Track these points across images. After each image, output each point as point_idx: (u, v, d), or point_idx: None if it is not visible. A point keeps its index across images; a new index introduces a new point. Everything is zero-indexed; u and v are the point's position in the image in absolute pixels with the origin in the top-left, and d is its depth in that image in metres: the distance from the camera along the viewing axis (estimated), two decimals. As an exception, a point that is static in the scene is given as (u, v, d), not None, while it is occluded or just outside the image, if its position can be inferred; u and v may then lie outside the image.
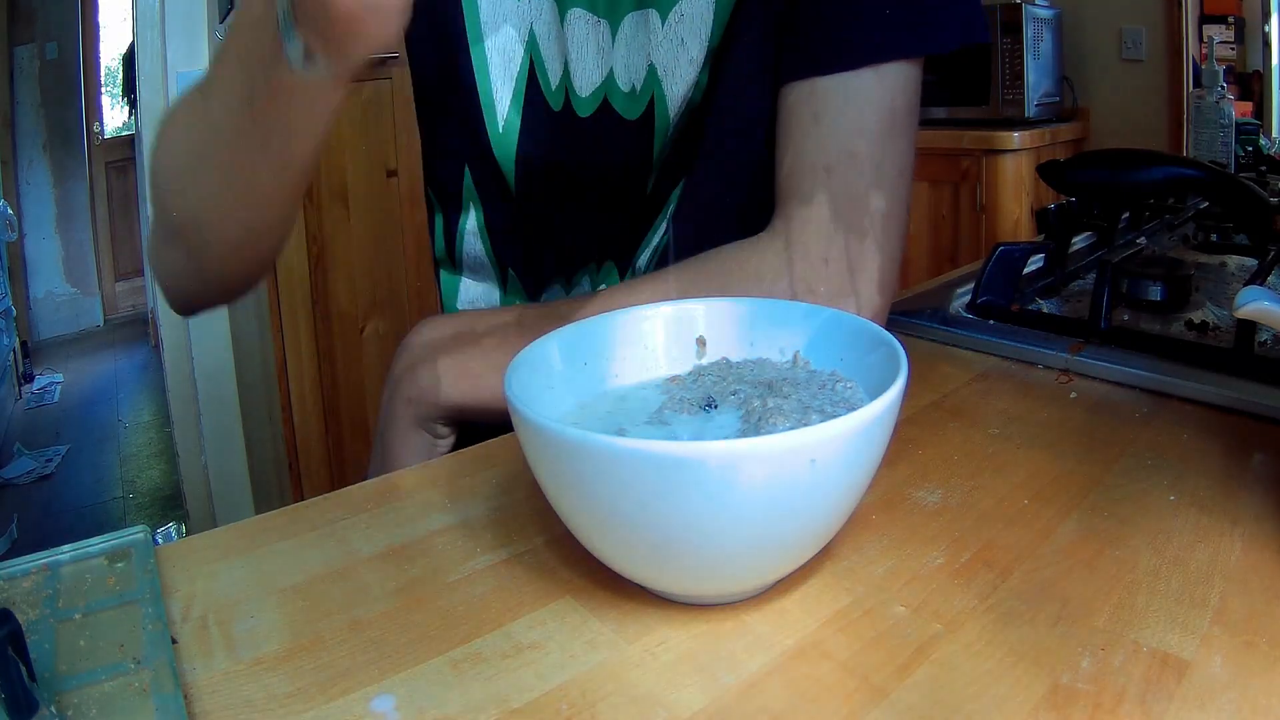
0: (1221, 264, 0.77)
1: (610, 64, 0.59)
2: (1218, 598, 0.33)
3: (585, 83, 0.61)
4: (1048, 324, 0.63)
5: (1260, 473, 0.43)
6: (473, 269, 0.72)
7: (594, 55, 0.59)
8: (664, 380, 0.42)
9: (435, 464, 0.49)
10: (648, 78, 0.58)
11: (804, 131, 0.54)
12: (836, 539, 0.38)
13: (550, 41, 0.61)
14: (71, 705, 0.29)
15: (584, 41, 0.59)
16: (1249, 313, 0.38)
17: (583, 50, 0.59)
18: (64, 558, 0.38)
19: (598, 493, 0.31)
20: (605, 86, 0.59)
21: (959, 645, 0.31)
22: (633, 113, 0.59)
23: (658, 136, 0.60)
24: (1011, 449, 0.46)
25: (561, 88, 0.62)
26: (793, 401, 0.37)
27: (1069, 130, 2.55)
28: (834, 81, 0.53)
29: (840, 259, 0.54)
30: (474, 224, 0.70)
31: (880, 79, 0.53)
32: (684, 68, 0.58)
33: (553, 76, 0.62)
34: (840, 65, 0.53)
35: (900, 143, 0.55)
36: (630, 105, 0.59)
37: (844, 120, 0.53)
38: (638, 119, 0.59)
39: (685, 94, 0.58)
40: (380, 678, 0.31)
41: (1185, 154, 2.11)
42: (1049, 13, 2.50)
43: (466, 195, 0.70)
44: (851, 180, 0.54)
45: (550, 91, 0.62)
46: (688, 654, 0.32)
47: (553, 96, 0.62)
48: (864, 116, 0.53)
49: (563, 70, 0.61)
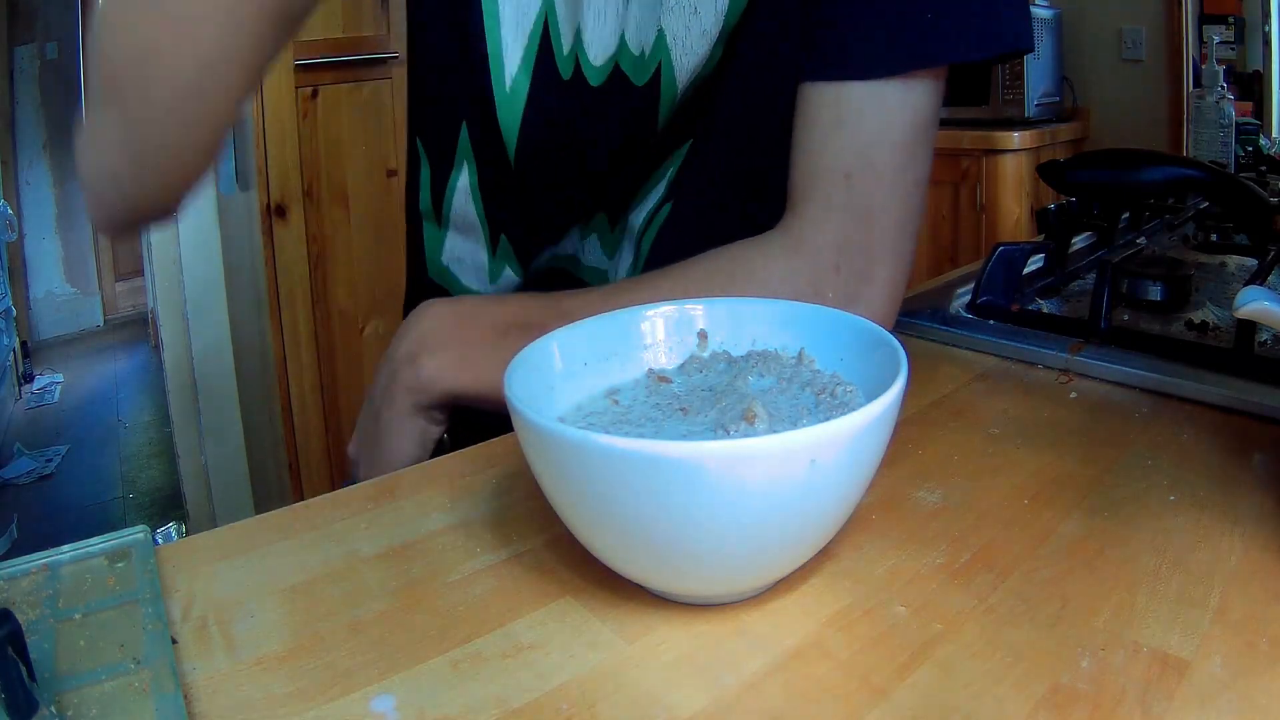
0: (1221, 264, 0.77)
1: (623, 27, 0.56)
2: (1218, 598, 0.33)
3: (600, 51, 0.58)
4: (1048, 324, 0.63)
5: (1260, 473, 0.43)
6: (460, 228, 0.69)
7: (611, 23, 0.57)
8: (654, 380, 0.42)
9: (435, 464, 0.49)
10: (656, 43, 0.55)
11: (825, 134, 0.53)
12: (836, 539, 0.38)
13: (565, 5, 0.58)
14: (71, 705, 0.29)
15: (602, 9, 0.57)
16: (1249, 313, 0.38)
17: (600, 19, 0.57)
18: (64, 558, 0.38)
19: (598, 493, 0.31)
20: (617, 54, 0.57)
21: (959, 645, 0.31)
22: (640, 78, 0.57)
23: (663, 105, 0.58)
24: (1011, 449, 0.46)
25: (572, 55, 0.59)
26: (782, 403, 0.37)
27: (1069, 130, 2.55)
28: (862, 89, 0.52)
29: (852, 267, 0.53)
30: (466, 182, 0.67)
31: (908, 89, 0.52)
32: (695, 39, 0.56)
33: (565, 42, 0.59)
34: (871, 73, 0.51)
35: (921, 153, 0.54)
36: (638, 70, 0.57)
37: (868, 128, 0.52)
38: (644, 84, 0.57)
39: (696, 66, 0.56)
40: (380, 678, 0.31)
41: (1185, 154, 2.11)
42: (1049, 13, 2.50)
43: (460, 152, 0.66)
44: (870, 189, 0.53)
45: (561, 57, 0.59)
46: (688, 654, 0.32)
47: (563, 63, 0.60)
48: (889, 126, 0.52)
49: (574, 37, 0.59)
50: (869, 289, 0.53)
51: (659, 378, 0.42)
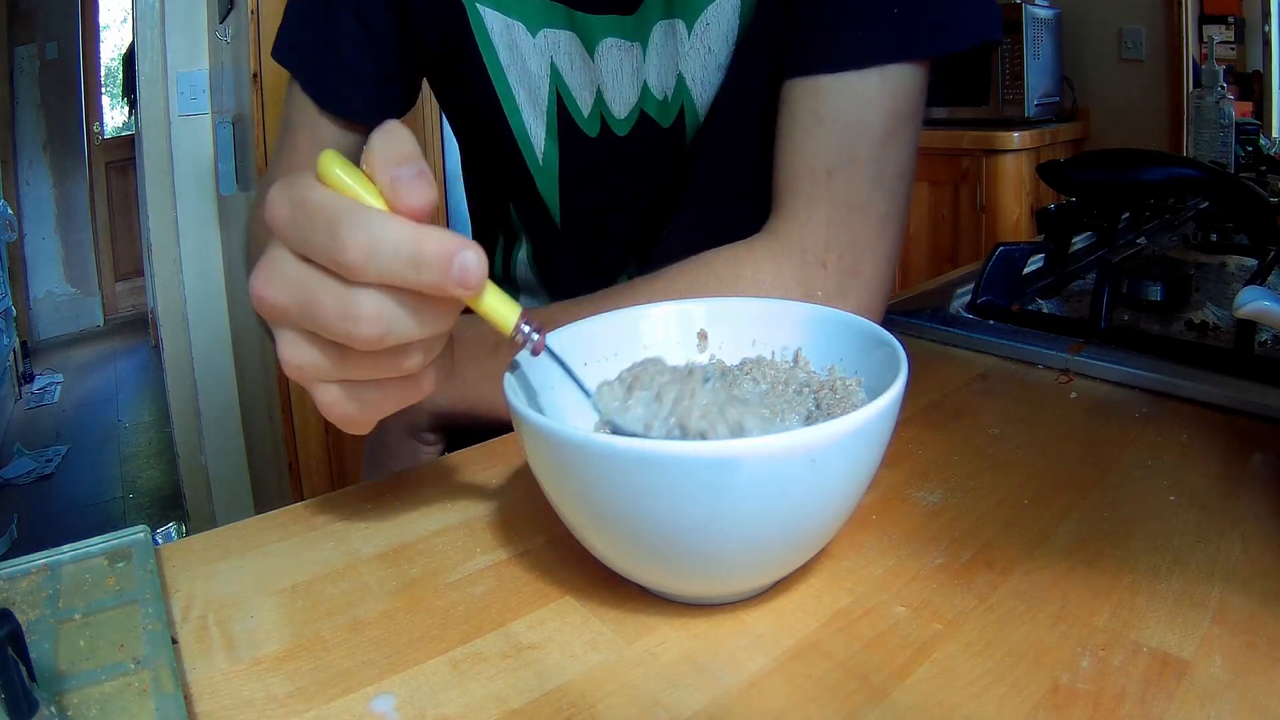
0: (1221, 264, 0.77)
1: (644, 79, 0.59)
2: (1218, 598, 0.33)
3: (622, 105, 0.61)
4: (1048, 324, 0.63)
5: (1260, 473, 0.43)
6: (528, 290, 0.74)
7: (630, 77, 0.59)
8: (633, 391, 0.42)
9: (435, 464, 0.49)
10: (677, 86, 0.58)
11: (805, 130, 0.54)
12: (836, 539, 0.38)
13: (575, 72, 0.61)
14: (71, 705, 0.29)
15: (619, 68, 0.59)
16: (1249, 313, 0.38)
17: (618, 77, 0.59)
18: (64, 558, 0.38)
19: (598, 493, 0.31)
20: (641, 102, 0.60)
21: (959, 645, 0.31)
22: (666, 120, 0.60)
23: (689, 138, 0.60)
24: (1011, 449, 0.46)
25: (596, 114, 0.62)
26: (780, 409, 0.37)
27: (1069, 130, 2.55)
28: (838, 81, 0.52)
29: (839, 263, 0.54)
30: (524, 254, 0.72)
31: (884, 80, 0.52)
32: (712, 73, 0.58)
33: (583, 106, 0.62)
34: (845, 65, 0.52)
35: (903, 146, 0.54)
36: (663, 113, 0.60)
37: (846, 122, 0.53)
38: (670, 126, 0.60)
39: (713, 96, 0.58)
40: (380, 678, 0.31)
41: (1185, 154, 2.11)
42: (1049, 13, 2.50)
43: (516, 228, 0.71)
44: (853, 184, 0.53)
45: (583, 120, 0.62)
46: (688, 654, 0.32)
47: (586, 124, 0.62)
48: (867, 119, 0.52)
49: (594, 98, 0.62)
50: (857, 283, 0.54)
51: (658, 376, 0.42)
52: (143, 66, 2.18)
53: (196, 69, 2.16)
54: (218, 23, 2.06)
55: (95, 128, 5.20)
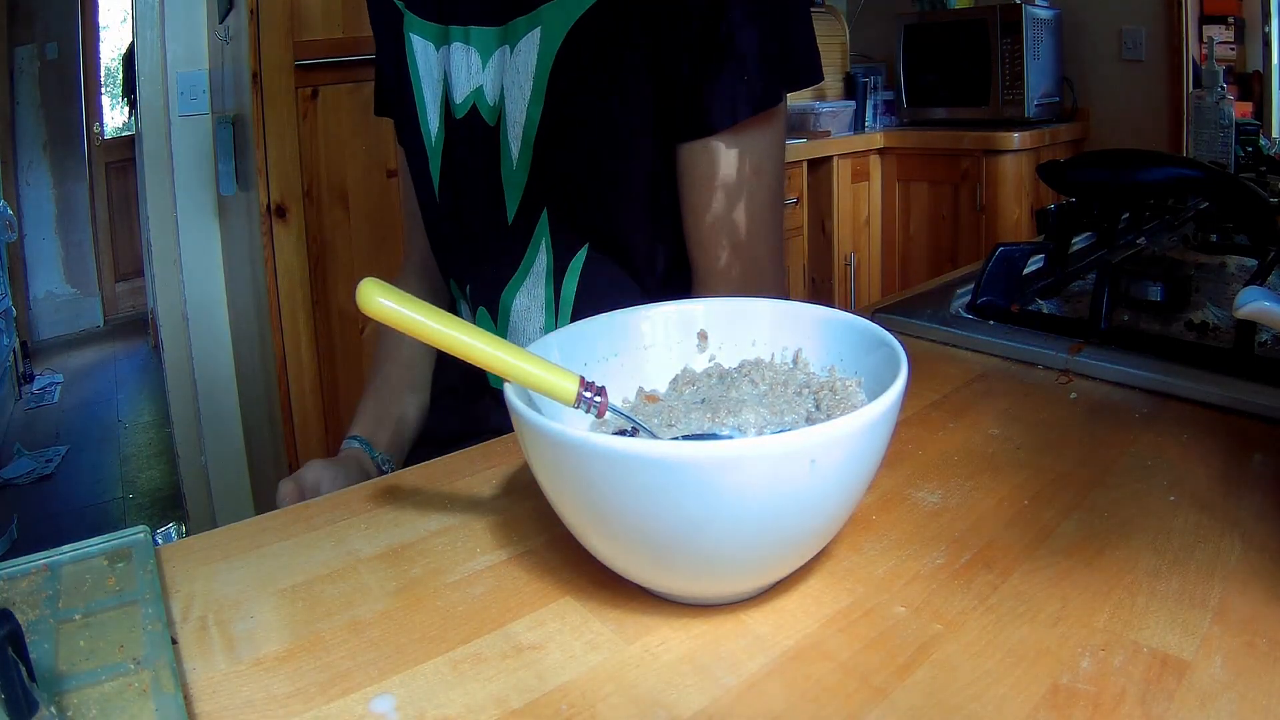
0: (1221, 264, 0.77)
1: (481, 82, 0.69)
2: (1218, 598, 0.33)
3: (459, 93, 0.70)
4: (1048, 324, 0.63)
5: (1260, 473, 0.43)
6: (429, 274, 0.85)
7: (464, 75, 0.69)
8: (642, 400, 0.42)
9: (435, 464, 0.49)
10: (501, 95, 0.68)
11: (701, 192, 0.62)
12: (836, 539, 0.38)
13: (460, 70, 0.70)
14: (71, 705, 0.29)
15: (460, 65, 0.69)
16: (1249, 313, 0.38)
17: (459, 71, 0.69)
18: (64, 558, 0.38)
19: (598, 493, 0.31)
20: (474, 96, 0.70)
21: (959, 645, 0.31)
22: (491, 118, 0.69)
23: (504, 147, 0.68)
24: (1011, 449, 0.46)
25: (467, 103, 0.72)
26: (780, 409, 0.37)
27: (1069, 130, 2.55)
28: (699, 146, 0.61)
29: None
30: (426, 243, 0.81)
31: (737, 139, 0.61)
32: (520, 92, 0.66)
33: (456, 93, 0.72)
34: (699, 132, 0.61)
35: (780, 186, 0.64)
36: (490, 113, 0.69)
37: (734, 176, 0.61)
38: (494, 125, 0.69)
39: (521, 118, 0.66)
40: (380, 678, 0.31)
41: (1185, 154, 2.11)
42: (1049, 13, 2.50)
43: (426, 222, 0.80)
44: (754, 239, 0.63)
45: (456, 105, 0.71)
46: (688, 654, 0.32)
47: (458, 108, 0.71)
48: (733, 176, 0.61)
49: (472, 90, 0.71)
50: None
51: (647, 397, 0.42)
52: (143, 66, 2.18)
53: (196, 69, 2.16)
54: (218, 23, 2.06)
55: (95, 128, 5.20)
